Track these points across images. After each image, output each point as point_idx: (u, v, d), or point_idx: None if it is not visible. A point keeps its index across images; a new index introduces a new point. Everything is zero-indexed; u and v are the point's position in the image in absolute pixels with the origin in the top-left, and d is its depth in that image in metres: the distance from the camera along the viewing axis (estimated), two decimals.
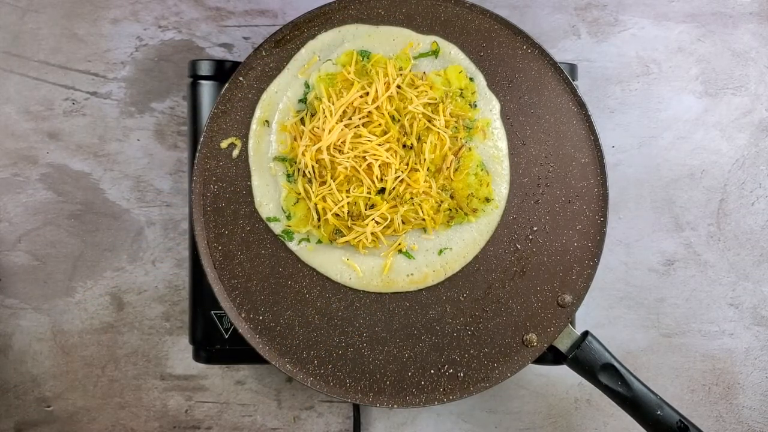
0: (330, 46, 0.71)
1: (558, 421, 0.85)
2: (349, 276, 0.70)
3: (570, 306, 0.71)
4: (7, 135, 0.84)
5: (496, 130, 0.71)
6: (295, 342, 0.70)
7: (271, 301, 0.70)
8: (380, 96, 0.68)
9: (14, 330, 0.84)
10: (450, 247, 0.71)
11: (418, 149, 0.69)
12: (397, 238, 0.70)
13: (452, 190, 0.70)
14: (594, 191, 0.71)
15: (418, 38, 0.71)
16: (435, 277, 0.70)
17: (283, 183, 0.70)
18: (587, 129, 0.71)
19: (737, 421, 0.85)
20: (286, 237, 0.70)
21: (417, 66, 0.71)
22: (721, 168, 0.86)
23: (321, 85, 0.70)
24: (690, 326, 0.86)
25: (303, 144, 0.68)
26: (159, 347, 0.85)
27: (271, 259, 0.70)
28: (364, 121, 0.69)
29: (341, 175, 0.68)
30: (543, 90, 0.72)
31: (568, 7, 0.86)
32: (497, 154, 0.71)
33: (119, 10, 0.84)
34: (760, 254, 0.86)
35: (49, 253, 0.84)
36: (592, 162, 0.71)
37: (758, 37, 0.86)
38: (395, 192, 0.69)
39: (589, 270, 0.71)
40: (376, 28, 0.71)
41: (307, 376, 0.69)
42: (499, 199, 0.71)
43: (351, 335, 0.70)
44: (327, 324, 0.70)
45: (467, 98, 0.71)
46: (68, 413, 0.84)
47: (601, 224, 0.71)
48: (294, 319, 0.70)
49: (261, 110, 0.70)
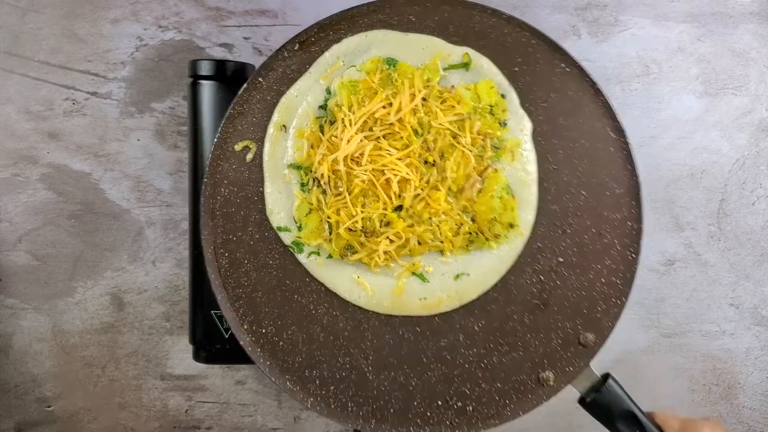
0: (355, 52, 0.68)
1: (558, 421, 0.85)
2: (358, 294, 0.67)
3: (592, 346, 0.66)
4: (8, 135, 0.84)
5: (526, 152, 0.66)
6: (298, 359, 0.67)
7: (275, 315, 0.67)
8: (404, 108, 0.65)
9: (15, 330, 0.84)
10: (468, 272, 0.66)
11: (441, 167, 0.66)
12: (411, 259, 0.67)
13: (474, 212, 0.66)
14: (627, 225, 0.66)
15: (449, 49, 0.67)
16: (449, 303, 0.66)
17: (297, 192, 0.67)
18: (625, 158, 0.66)
19: (737, 421, 0.85)
20: (296, 249, 0.67)
21: (446, 78, 0.67)
22: (722, 168, 0.86)
23: (343, 91, 0.66)
24: (690, 326, 0.86)
25: (320, 153, 0.65)
26: (159, 347, 0.85)
27: (279, 270, 0.68)
28: (385, 133, 0.66)
29: (357, 188, 0.65)
30: (580, 113, 0.67)
31: (568, 7, 0.86)
32: (525, 177, 0.66)
33: (119, 10, 0.84)
34: (760, 254, 0.86)
35: (50, 253, 0.84)
36: (628, 193, 0.66)
37: (758, 37, 0.86)
38: (413, 210, 0.66)
39: (616, 309, 0.66)
40: (404, 35, 0.67)
41: (308, 396, 0.67)
42: (524, 226, 0.66)
43: (356, 357, 0.67)
44: (332, 343, 0.67)
45: (497, 116, 0.67)
46: (68, 413, 0.84)
47: (632, 261, 0.66)
48: (298, 335, 0.67)
49: (279, 114, 0.67)
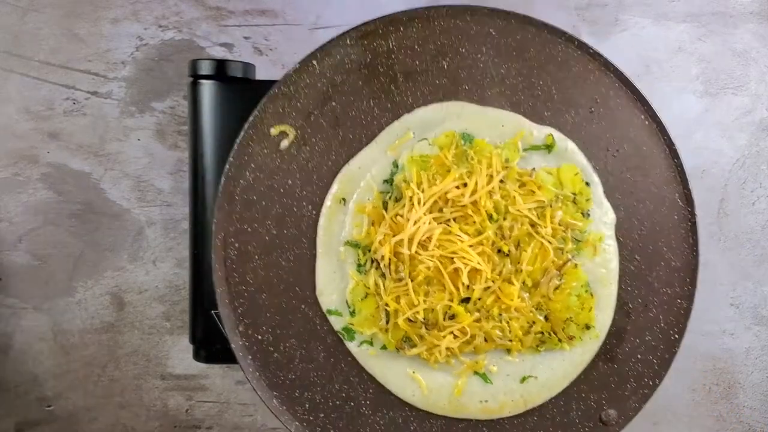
0: (428, 124, 0.62)
1: None
2: (412, 392, 0.61)
3: (613, 425, 0.61)
4: (8, 135, 0.84)
5: (608, 247, 0.61)
6: (290, 376, 0.61)
7: (276, 322, 0.61)
8: (480, 189, 0.59)
9: (15, 329, 0.84)
10: (535, 375, 0.61)
11: (516, 258, 0.60)
12: (475, 357, 0.61)
13: (548, 311, 0.61)
14: (676, 302, 0.62)
15: (531, 127, 0.62)
16: (513, 409, 0.61)
17: (352, 273, 0.62)
18: (688, 230, 0.62)
19: (738, 421, 0.85)
20: (347, 336, 0.62)
21: (526, 159, 0.62)
22: (722, 168, 0.86)
23: (412, 166, 0.61)
24: (690, 326, 0.85)
25: (382, 232, 0.60)
26: (159, 347, 0.85)
27: (290, 274, 0.62)
28: (457, 216, 0.60)
29: (421, 275, 0.59)
30: (650, 171, 0.62)
31: (568, 7, 0.86)
32: (606, 275, 0.61)
33: (120, 9, 0.84)
34: (760, 254, 0.86)
35: (50, 253, 0.84)
36: (684, 269, 0.62)
37: (759, 36, 0.86)
38: (482, 304, 0.60)
39: (646, 390, 0.62)
40: (483, 110, 0.62)
41: (293, 419, 0.60)
42: (601, 327, 0.61)
43: (356, 387, 0.61)
44: (332, 366, 0.61)
45: (580, 205, 0.61)
46: (69, 413, 0.84)
47: (674, 342, 0.62)
48: (296, 350, 0.61)
49: (338, 185, 0.62)
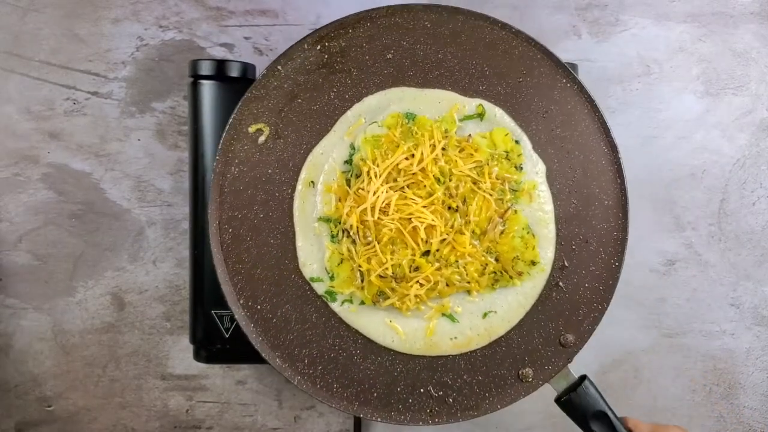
0: (376, 109, 0.71)
1: (558, 421, 0.85)
2: (392, 338, 0.70)
3: (572, 347, 0.69)
4: (8, 135, 0.84)
5: (542, 193, 0.70)
6: (289, 337, 0.70)
7: (272, 292, 0.70)
8: (426, 158, 0.68)
9: (15, 330, 0.84)
10: (495, 310, 0.70)
11: (464, 211, 0.69)
12: (441, 301, 0.70)
13: (498, 253, 0.70)
14: (613, 235, 0.70)
15: (464, 101, 0.71)
16: (479, 341, 0.70)
17: (328, 243, 0.70)
18: (615, 171, 0.71)
19: (738, 422, 0.85)
20: (329, 298, 0.70)
21: (462, 128, 0.71)
22: (722, 168, 0.86)
23: (366, 146, 0.70)
24: (691, 326, 0.86)
25: (348, 205, 0.69)
26: (160, 347, 0.85)
27: (278, 250, 0.70)
28: (409, 183, 0.69)
29: (386, 237, 0.68)
30: (576, 125, 0.71)
31: (568, 7, 0.86)
32: (543, 217, 0.70)
33: (120, 10, 0.84)
34: (761, 254, 0.86)
35: (50, 253, 0.84)
36: (616, 205, 0.70)
37: (759, 37, 0.86)
38: (440, 254, 0.69)
39: (596, 314, 0.70)
40: (421, 91, 0.71)
41: (296, 374, 0.69)
42: (545, 262, 0.70)
43: (346, 340, 0.70)
44: (324, 324, 0.70)
45: (513, 161, 0.70)
46: (69, 413, 0.84)
47: (615, 269, 0.70)
48: (292, 314, 0.70)
49: (306, 171, 0.70)
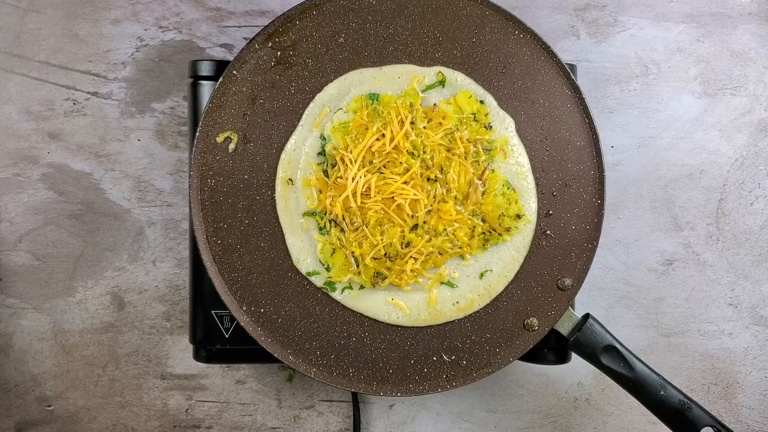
0: (338, 96, 0.71)
1: (557, 421, 0.85)
2: (397, 315, 0.70)
3: (570, 289, 0.71)
4: (8, 135, 0.84)
5: (515, 147, 0.71)
6: (297, 333, 0.70)
7: (271, 294, 0.70)
8: (396, 135, 0.69)
9: (15, 329, 0.84)
10: (490, 268, 0.71)
11: (443, 180, 0.70)
12: (437, 270, 0.70)
13: (483, 213, 0.70)
14: (590, 174, 0.71)
15: (423, 71, 0.71)
16: (481, 301, 0.71)
17: (317, 237, 0.70)
18: (582, 112, 0.71)
19: (736, 421, 0.86)
20: (329, 288, 0.70)
21: (426, 99, 0.71)
22: (720, 168, 0.86)
23: (336, 135, 0.70)
24: (689, 326, 0.86)
25: (329, 195, 0.69)
26: (159, 347, 0.85)
27: (271, 252, 0.71)
28: (385, 162, 0.69)
29: (372, 219, 0.69)
30: (536, 75, 0.71)
31: (567, 8, 0.86)
32: (520, 170, 0.71)
33: (120, 10, 0.85)
34: (759, 254, 0.86)
35: (50, 253, 0.84)
36: (588, 145, 0.71)
37: (757, 37, 0.86)
38: (428, 226, 0.69)
39: (588, 253, 0.71)
40: (379, 69, 0.71)
41: (311, 366, 0.70)
42: (530, 213, 0.71)
43: (353, 325, 0.70)
44: (329, 314, 0.70)
45: (481, 121, 0.71)
46: (69, 413, 0.85)
47: (599, 207, 0.71)
48: (295, 310, 0.70)
49: (282, 170, 0.70)
